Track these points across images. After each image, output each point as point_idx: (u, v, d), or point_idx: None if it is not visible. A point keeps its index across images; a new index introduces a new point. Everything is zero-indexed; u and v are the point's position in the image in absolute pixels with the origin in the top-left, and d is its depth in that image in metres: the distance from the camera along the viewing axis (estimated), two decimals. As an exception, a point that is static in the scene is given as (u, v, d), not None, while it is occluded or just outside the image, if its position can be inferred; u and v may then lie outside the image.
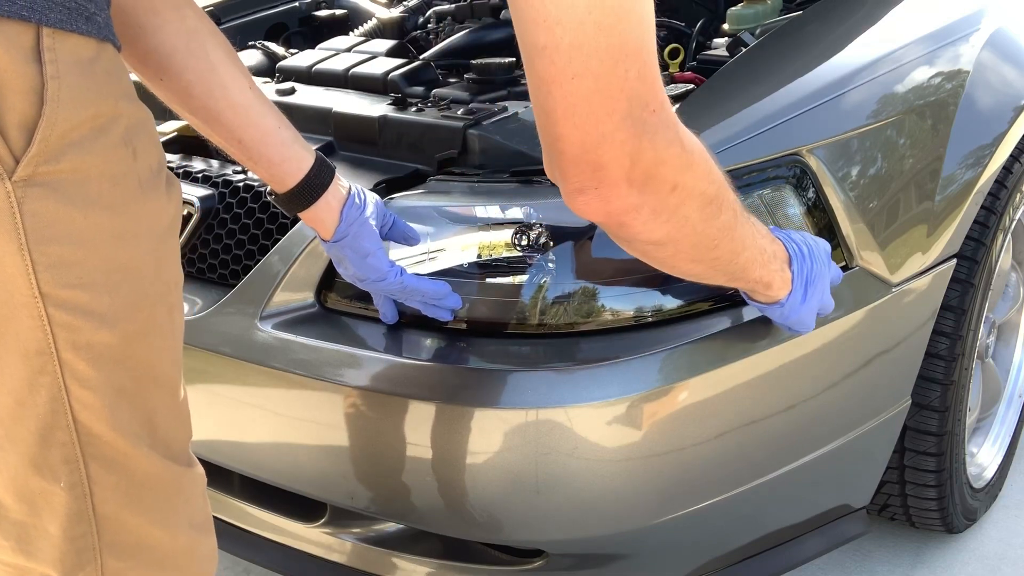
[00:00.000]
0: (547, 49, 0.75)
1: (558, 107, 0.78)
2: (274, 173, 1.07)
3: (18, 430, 0.73)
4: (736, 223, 0.95)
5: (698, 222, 0.89)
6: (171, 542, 0.84)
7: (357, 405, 1.19)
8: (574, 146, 0.79)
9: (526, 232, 1.18)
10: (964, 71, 1.45)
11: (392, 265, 1.13)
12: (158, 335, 0.79)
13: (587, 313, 1.18)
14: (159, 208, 0.79)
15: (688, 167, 0.85)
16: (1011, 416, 1.84)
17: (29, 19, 0.67)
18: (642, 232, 0.87)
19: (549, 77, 0.76)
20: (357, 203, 1.10)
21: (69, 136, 0.70)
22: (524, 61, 0.79)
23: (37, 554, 0.78)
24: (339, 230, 1.10)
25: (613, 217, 0.85)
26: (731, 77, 1.35)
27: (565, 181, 0.82)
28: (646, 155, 0.81)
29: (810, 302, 1.11)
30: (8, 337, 0.71)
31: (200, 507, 0.88)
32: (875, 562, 1.71)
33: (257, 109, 1.03)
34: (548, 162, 0.84)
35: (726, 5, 1.84)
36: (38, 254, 0.69)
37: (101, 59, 0.73)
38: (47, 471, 0.75)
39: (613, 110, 0.77)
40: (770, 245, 1.04)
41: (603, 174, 0.80)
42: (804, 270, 1.08)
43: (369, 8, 2.21)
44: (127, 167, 0.74)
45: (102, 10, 0.74)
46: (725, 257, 0.96)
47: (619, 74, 0.76)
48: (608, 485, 1.16)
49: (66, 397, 0.73)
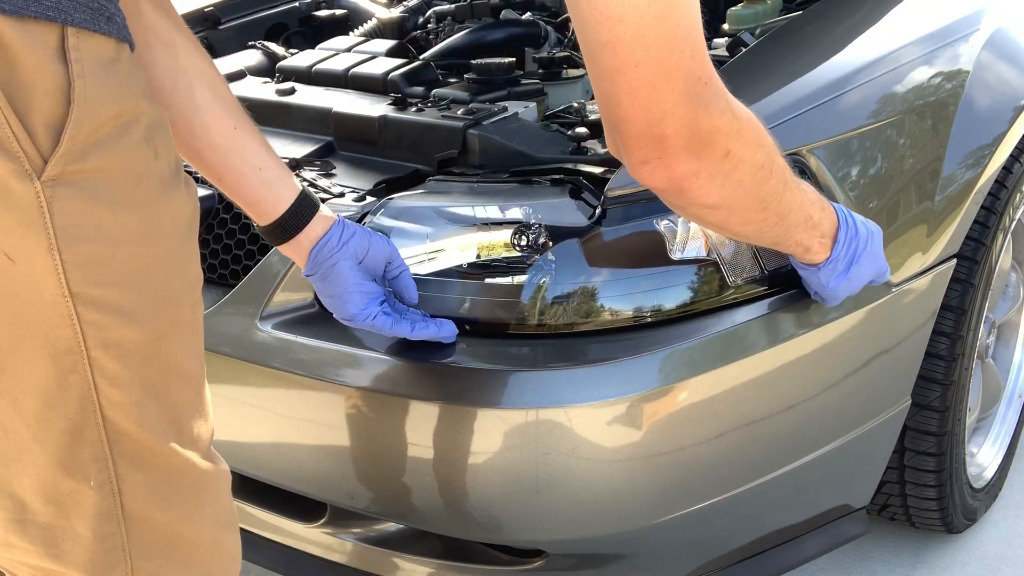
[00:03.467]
0: (610, 43, 0.81)
1: (622, 93, 0.84)
2: (250, 210, 1.10)
3: (47, 431, 0.73)
4: (784, 188, 1.01)
5: (750, 185, 0.96)
6: (197, 540, 0.84)
7: (357, 405, 1.19)
8: (638, 125, 0.86)
9: (525, 232, 1.18)
10: (964, 71, 1.45)
11: (366, 307, 1.13)
12: (183, 332, 0.80)
13: (587, 313, 1.18)
14: (180, 206, 0.79)
15: (739, 133, 0.92)
16: (1011, 416, 1.84)
17: (55, 19, 0.68)
18: (699, 196, 0.94)
19: (613, 68, 0.82)
20: (332, 245, 1.11)
21: (95, 135, 0.70)
22: (585, 55, 0.84)
23: (65, 557, 0.77)
24: (307, 268, 1.12)
25: (675, 182, 0.91)
26: (731, 77, 1.35)
27: (630, 155, 0.89)
28: (702, 124, 0.87)
29: (852, 280, 1.16)
30: (37, 338, 0.71)
31: (226, 505, 0.88)
32: (875, 562, 1.71)
33: (238, 152, 1.05)
34: (611, 140, 0.91)
35: (726, 5, 1.84)
36: (67, 253, 0.70)
37: (121, 59, 0.73)
38: (77, 471, 0.75)
39: (673, 88, 0.84)
40: (819, 213, 1.10)
41: (665, 145, 0.87)
42: (852, 245, 1.13)
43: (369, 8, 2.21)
44: (149, 166, 0.75)
45: (119, 11, 0.74)
46: (772, 220, 1.03)
47: (676, 56, 0.83)
48: (608, 485, 1.16)
49: (95, 395, 0.73)
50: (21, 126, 0.67)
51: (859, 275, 1.16)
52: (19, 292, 0.69)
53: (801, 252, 1.12)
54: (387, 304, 1.15)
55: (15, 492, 0.75)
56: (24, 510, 0.76)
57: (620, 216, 1.17)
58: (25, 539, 0.77)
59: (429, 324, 1.16)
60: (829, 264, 1.13)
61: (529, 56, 1.78)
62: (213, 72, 1.04)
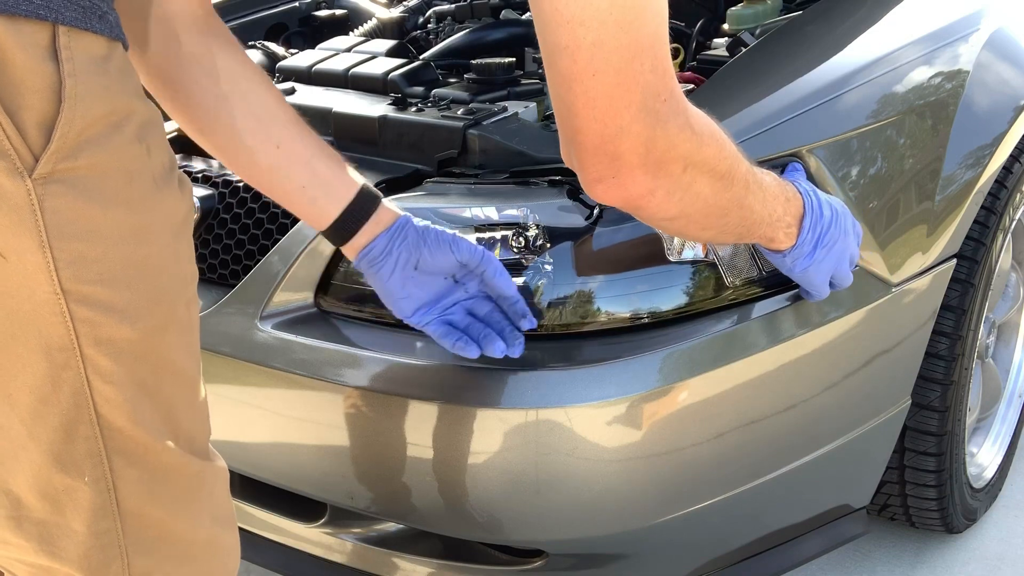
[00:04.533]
0: (569, 48, 0.79)
1: (578, 102, 0.82)
2: (306, 222, 1.16)
3: (41, 428, 0.73)
4: (747, 193, 1.00)
5: (709, 196, 0.95)
6: (193, 536, 0.84)
7: (357, 405, 1.19)
8: (593, 138, 0.84)
9: (523, 233, 1.18)
10: (964, 71, 1.45)
11: (413, 314, 1.11)
12: (177, 330, 0.80)
13: (586, 313, 1.18)
14: (173, 204, 0.79)
15: (699, 149, 0.90)
16: (1011, 416, 1.84)
17: (46, 17, 0.68)
18: (657, 212, 0.93)
19: (571, 74, 0.81)
20: (372, 256, 1.10)
21: (86, 133, 0.70)
22: (544, 59, 0.82)
23: (61, 553, 0.78)
24: (357, 267, 1.13)
25: (630, 202, 0.90)
26: (731, 77, 1.36)
27: (584, 171, 0.87)
28: (659, 143, 0.85)
29: (820, 263, 1.14)
30: (30, 335, 0.71)
31: (222, 501, 0.89)
32: (875, 562, 1.71)
33: (282, 171, 1.07)
34: (567, 153, 0.88)
35: (726, 5, 1.84)
36: (59, 251, 0.70)
37: (114, 57, 0.74)
38: (71, 466, 0.75)
39: (630, 103, 0.82)
40: (782, 206, 1.08)
41: (620, 163, 0.85)
42: (817, 228, 1.12)
43: (369, 8, 2.20)
44: (142, 164, 0.75)
45: (112, 9, 0.74)
46: (734, 222, 1.02)
47: (635, 68, 0.81)
48: (608, 485, 1.16)
49: (89, 392, 0.74)
50: (12, 124, 0.67)
51: (827, 257, 1.14)
52: (11, 289, 0.70)
53: (766, 242, 1.11)
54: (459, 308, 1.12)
55: (10, 489, 0.75)
56: (19, 507, 0.76)
57: (618, 217, 1.17)
58: (21, 536, 0.77)
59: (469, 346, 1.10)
60: (795, 249, 1.12)
61: (529, 56, 1.78)
62: (258, 92, 1.05)
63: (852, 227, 1.18)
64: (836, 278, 1.19)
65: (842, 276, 1.19)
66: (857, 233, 1.19)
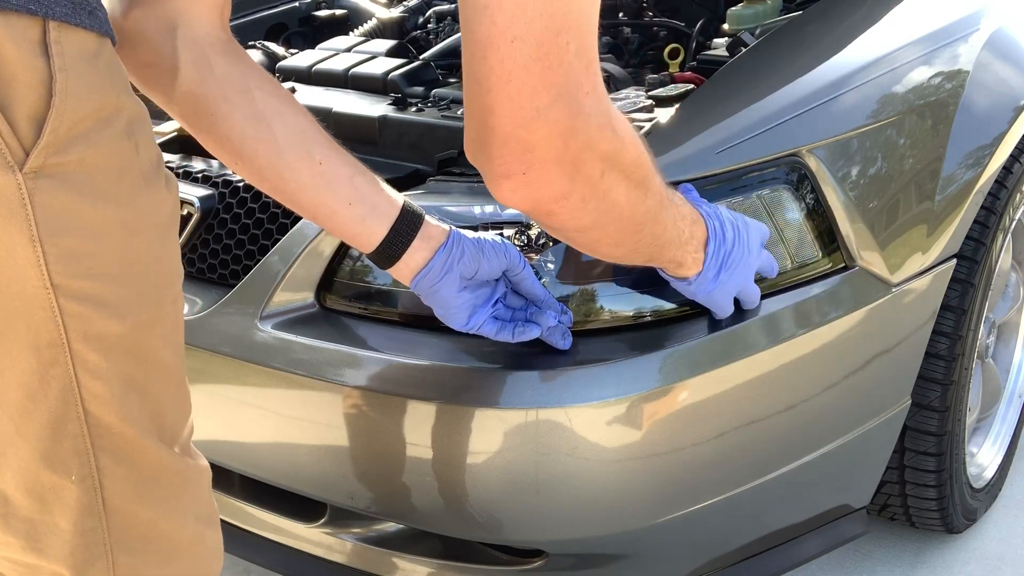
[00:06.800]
0: (489, 8, 0.74)
1: (493, 73, 0.76)
2: (352, 243, 1.08)
3: (29, 425, 0.74)
4: (660, 208, 0.96)
5: (625, 206, 0.90)
6: (178, 535, 0.84)
7: (357, 405, 1.19)
8: (505, 120, 0.77)
9: (525, 232, 1.18)
10: (964, 71, 1.45)
11: (469, 320, 1.09)
12: (164, 326, 0.80)
13: (586, 313, 1.18)
14: (160, 200, 0.79)
15: (620, 151, 0.84)
16: (1011, 416, 1.84)
17: (36, 12, 0.68)
18: (569, 220, 0.86)
19: (487, 39, 0.75)
20: (433, 275, 1.06)
21: (76, 128, 0.70)
22: (463, 28, 0.76)
23: (47, 551, 0.78)
24: (411, 287, 1.09)
25: (540, 205, 0.83)
26: (731, 77, 1.36)
27: (491, 162, 0.80)
28: (579, 137, 0.79)
29: (724, 285, 1.12)
30: (19, 330, 0.71)
31: (206, 500, 0.89)
32: (875, 562, 1.72)
33: (327, 188, 1.02)
34: (473, 142, 0.81)
35: (726, 5, 1.84)
36: (49, 245, 0.70)
37: (103, 53, 0.74)
38: (58, 464, 0.75)
39: (551, 83, 0.76)
40: (690, 227, 1.05)
41: (533, 156, 0.78)
42: (721, 252, 1.09)
43: (369, 8, 2.20)
44: (131, 160, 0.75)
45: (101, 6, 0.75)
46: (647, 240, 0.97)
47: (560, 44, 0.75)
48: (608, 485, 1.16)
49: (77, 388, 0.74)
50: (3, 118, 0.67)
51: (731, 279, 1.12)
52: (1, 284, 0.70)
53: (674, 268, 1.08)
54: (500, 304, 1.11)
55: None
56: (6, 504, 0.76)
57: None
58: (8, 533, 0.77)
59: (530, 328, 1.10)
60: (699, 276, 1.10)
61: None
62: (294, 111, 1.03)
63: (757, 241, 1.14)
64: (742, 297, 1.17)
65: (748, 295, 1.17)
66: (760, 238, 1.15)
